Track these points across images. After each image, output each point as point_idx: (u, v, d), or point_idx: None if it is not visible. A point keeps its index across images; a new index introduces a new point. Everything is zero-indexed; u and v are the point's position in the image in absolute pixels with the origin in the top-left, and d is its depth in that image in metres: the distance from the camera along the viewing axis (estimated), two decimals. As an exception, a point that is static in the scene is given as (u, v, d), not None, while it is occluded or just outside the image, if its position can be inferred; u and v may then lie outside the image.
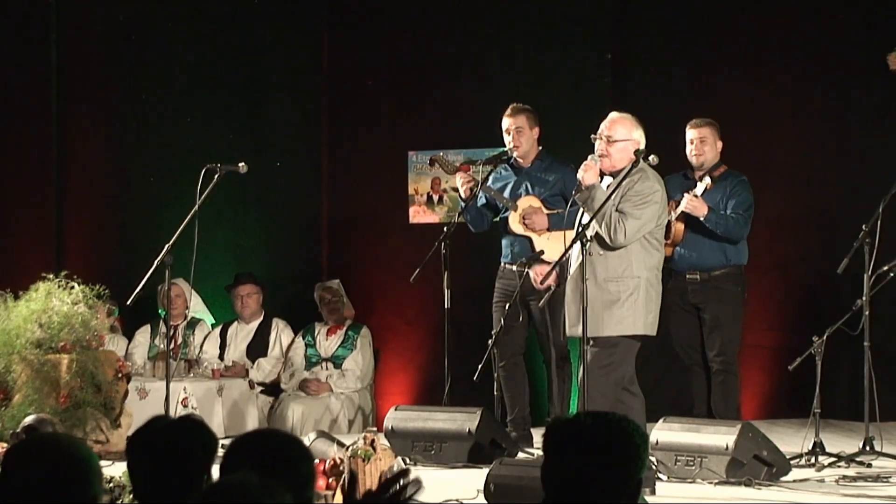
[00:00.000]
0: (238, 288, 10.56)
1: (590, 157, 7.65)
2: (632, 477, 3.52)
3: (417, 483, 3.50)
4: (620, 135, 7.61)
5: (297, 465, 3.68)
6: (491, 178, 8.87)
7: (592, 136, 7.67)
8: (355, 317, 10.51)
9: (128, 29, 11.25)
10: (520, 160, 8.85)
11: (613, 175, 7.58)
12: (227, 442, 3.85)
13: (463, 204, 8.81)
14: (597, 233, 7.51)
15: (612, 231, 7.39)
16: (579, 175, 7.59)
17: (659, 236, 7.62)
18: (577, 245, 7.59)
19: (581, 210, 7.63)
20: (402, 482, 3.46)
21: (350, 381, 10.15)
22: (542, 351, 8.99)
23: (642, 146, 7.64)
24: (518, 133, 8.77)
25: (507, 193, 8.86)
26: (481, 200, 8.90)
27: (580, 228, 7.42)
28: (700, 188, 8.55)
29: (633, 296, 7.42)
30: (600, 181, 7.58)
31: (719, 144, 8.77)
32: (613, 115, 7.73)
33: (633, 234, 7.41)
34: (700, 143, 8.75)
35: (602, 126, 7.72)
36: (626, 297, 7.39)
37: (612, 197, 7.44)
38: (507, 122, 8.81)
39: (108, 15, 11.28)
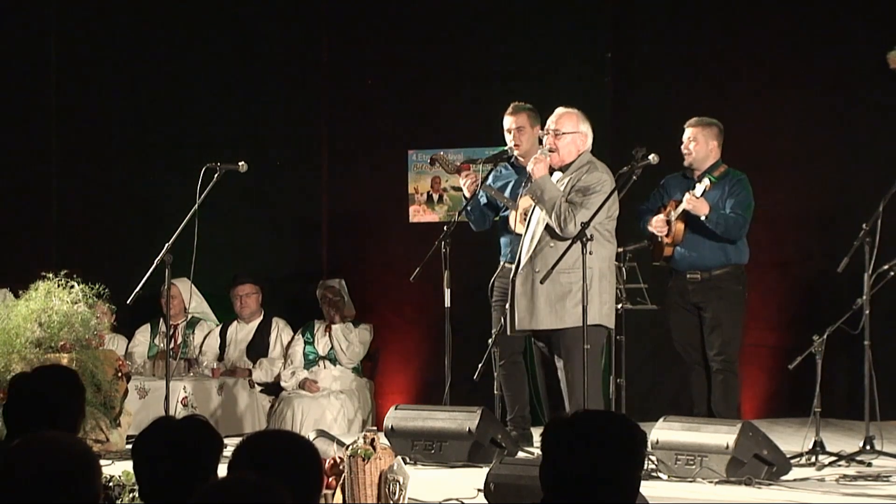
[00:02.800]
0: (237, 288, 10.57)
1: (539, 150, 7.87)
2: (630, 475, 3.52)
3: None
4: (568, 128, 7.86)
5: (306, 469, 3.68)
6: (492, 177, 8.88)
7: (540, 132, 7.86)
8: (357, 316, 10.51)
9: (127, 28, 11.24)
10: (521, 159, 8.84)
11: (562, 170, 7.77)
12: (228, 441, 3.85)
13: (466, 202, 8.81)
14: (547, 224, 7.66)
15: (563, 221, 7.61)
16: (529, 168, 7.80)
17: (610, 228, 7.82)
18: (529, 238, 7.80)
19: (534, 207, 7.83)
20: None
21: (339, 370, 10.23)
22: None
23: (590, 139, 7.84)
24: (519, 132, 8.77)
25: (508, 192, 8.85)
26: (483, 199, 8.90)
27: (581, 227, 7.45)
28: (700, 189, 8.54)
29: (589, 288, 7.52)
30: (550, 176, 7.81)
31: (713, 144, 8.73)
32: (560, 109, 7.98)
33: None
34: (688, 141, 8.74)
35: (549, 121, 7.98)
36: (579, 287, 7.50)
37: (563, 188, 7.63)
38: (508, 121, 8.81)
39: (108, 14, 11.28)
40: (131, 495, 6.61)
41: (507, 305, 8.15)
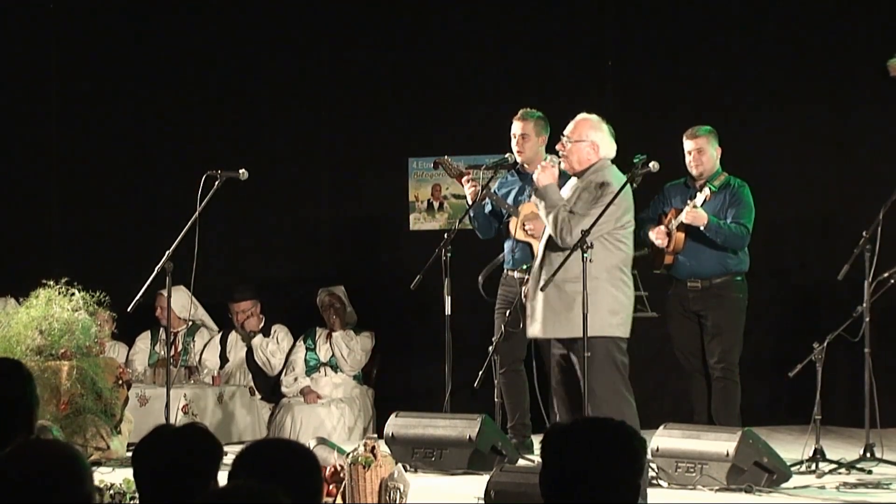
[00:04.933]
0: (235, 304, 10.54)
1: (549, 157, 7.79)
2: (631, 482, 3.52)
3: None
4: (577, 136, 7.71)
5: (305, 477, 3.69)
6: (497, 184, 8.88)
7: (562, 134, 7.81)
8: (357, 323, 10.52)
9: (127, 34, 11.25)
10: (526, 166, 8.85)
11: (579, 176, 7.68)
12: (228, 449, 3.85)
13: (469, 208, 8.79)
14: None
15: (560, 231, 7.45)
16: (534, 175, 7.73)
17: (621, 236, 7.59)
18: (541, 245, 7.74)
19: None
20: None
21: (344, 371, 10.25)
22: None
23: (603, 148, 7.71)
24: (523, 139, 8.75)
25: (511, 199, 8.86)
26: (488, 207, 8.90)
27: (581, 235, 7.41)
28: (700, 199, 8.54)
29: (591, 297, 7.38)
30: (565, 181, 7.75)
31: (718, 151, 8.77)
32: (579, 116, 7.83)
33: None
34: (698, 153, 8.74)
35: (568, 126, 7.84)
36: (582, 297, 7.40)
37: (572, 196, 7.57)
38: (515, 127, 8.79)
39: (108, 22, 11.29)
40: (132, 503, 6.62)
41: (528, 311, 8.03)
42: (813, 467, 7.76)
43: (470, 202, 8.77)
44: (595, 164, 7.66)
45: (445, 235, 8.51)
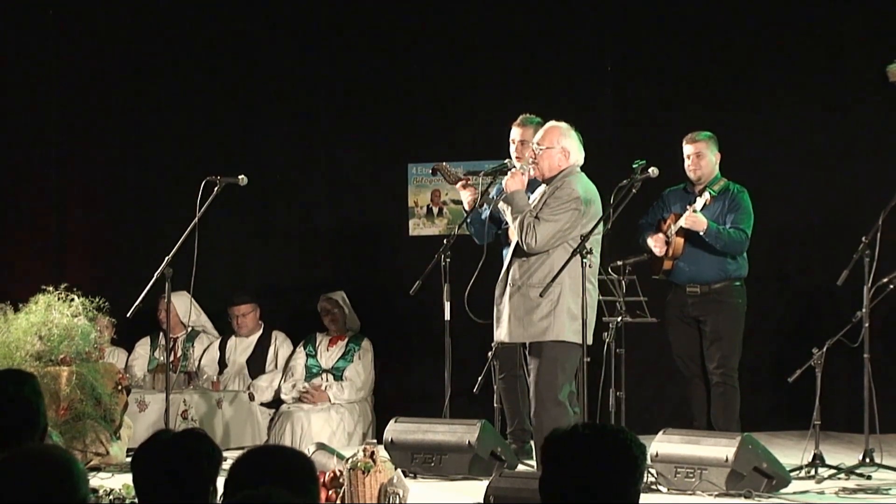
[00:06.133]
0: (233, 308, 10.55)
1: (520, 164, 7.92)
2: (630, 488, 3.52)
3: None
4: (547, 143, 7.86)
5: (303, 482, 3.70)
6: (496, 190, 8.88)
7: (532, 143, 7.99)
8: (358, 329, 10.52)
9: (126, 40, 11.26)
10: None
11: (547, 183, 7.82)
12: (227, 454, 3.86)
13: (467, 215, 8.79)
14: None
15: (524, 235, 7.66)
16: (503, 182, 7.87)
17: (588, 243, 7.65)
18: (510, 251, 7.87)
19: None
20: None
21: (348, 392, 10.17)
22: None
23: (574, 155, 7.84)
24: (523, 146, 8.73)
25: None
26: (485, 213, 8.89)
27: (581, 240, 7.44)
28: (699, 203, 8.55)
29: (553, 302, 7.52)
30: (525, 190, 7.88)
31: (717, 156, 8.77)
32: (548, 124, 7.99)
33: (546, 239, 7.62)
34: (696, 157, 8.75)
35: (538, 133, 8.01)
36: (547, 302, 7.52)
37: (538, 202, 7.67)
38: (514, 132, 8.78)
39: (107, 27, 11.30)
40: (131, 508, 6.62)
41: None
42: (812, 473, 7.76)
43: (467, 208, 8.76)
44: (564, 170, 7.81)
45: (445, 241, 8.52)
